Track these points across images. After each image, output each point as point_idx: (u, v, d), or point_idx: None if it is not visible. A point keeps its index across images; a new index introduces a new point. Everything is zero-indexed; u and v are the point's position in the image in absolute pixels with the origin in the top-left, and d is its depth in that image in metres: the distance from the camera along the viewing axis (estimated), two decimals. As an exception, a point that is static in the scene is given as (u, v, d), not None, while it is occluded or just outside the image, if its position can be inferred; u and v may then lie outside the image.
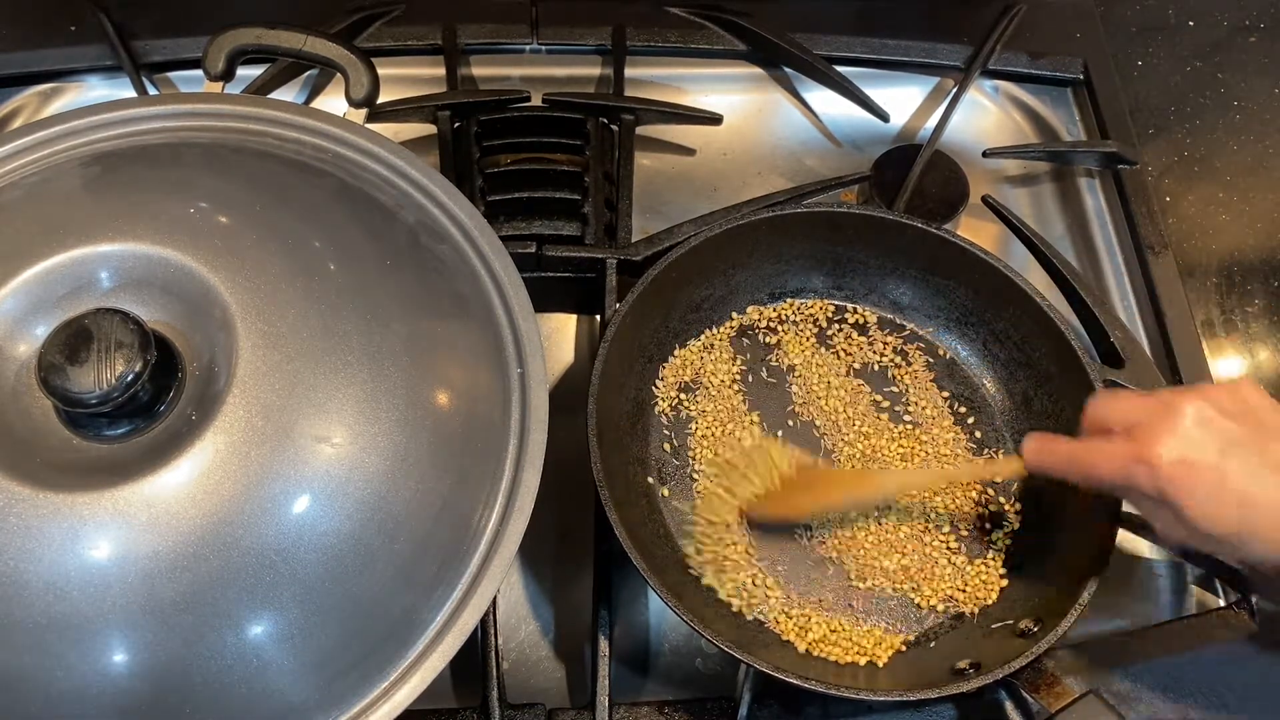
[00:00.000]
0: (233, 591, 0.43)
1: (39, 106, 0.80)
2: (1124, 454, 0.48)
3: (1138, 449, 0.48)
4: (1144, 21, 0.87)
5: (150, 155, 0.55)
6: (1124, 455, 0.48)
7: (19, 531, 0.41)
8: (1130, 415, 0.50)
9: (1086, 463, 0.51)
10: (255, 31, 0.63)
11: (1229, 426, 0.47)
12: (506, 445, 0.51)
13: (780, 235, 0.68)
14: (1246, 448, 0.47)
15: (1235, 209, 0.78)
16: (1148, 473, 0.47)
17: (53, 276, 0.46)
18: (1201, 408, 0.47)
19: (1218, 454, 0.47)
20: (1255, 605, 0.62)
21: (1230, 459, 0.46)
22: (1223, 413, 0.48)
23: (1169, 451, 0.47)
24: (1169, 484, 0.47)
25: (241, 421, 0.43)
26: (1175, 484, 0.47)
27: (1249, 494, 0.46)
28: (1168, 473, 0.47)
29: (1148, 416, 0.48)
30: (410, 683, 0.46)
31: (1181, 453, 0.47)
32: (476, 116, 0.76)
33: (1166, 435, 0.47)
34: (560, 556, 0.66)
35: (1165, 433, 0.47)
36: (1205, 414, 0.47)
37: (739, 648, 0.53)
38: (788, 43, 0.81)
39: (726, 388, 0.68)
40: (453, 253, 0.55)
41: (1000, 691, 0.58)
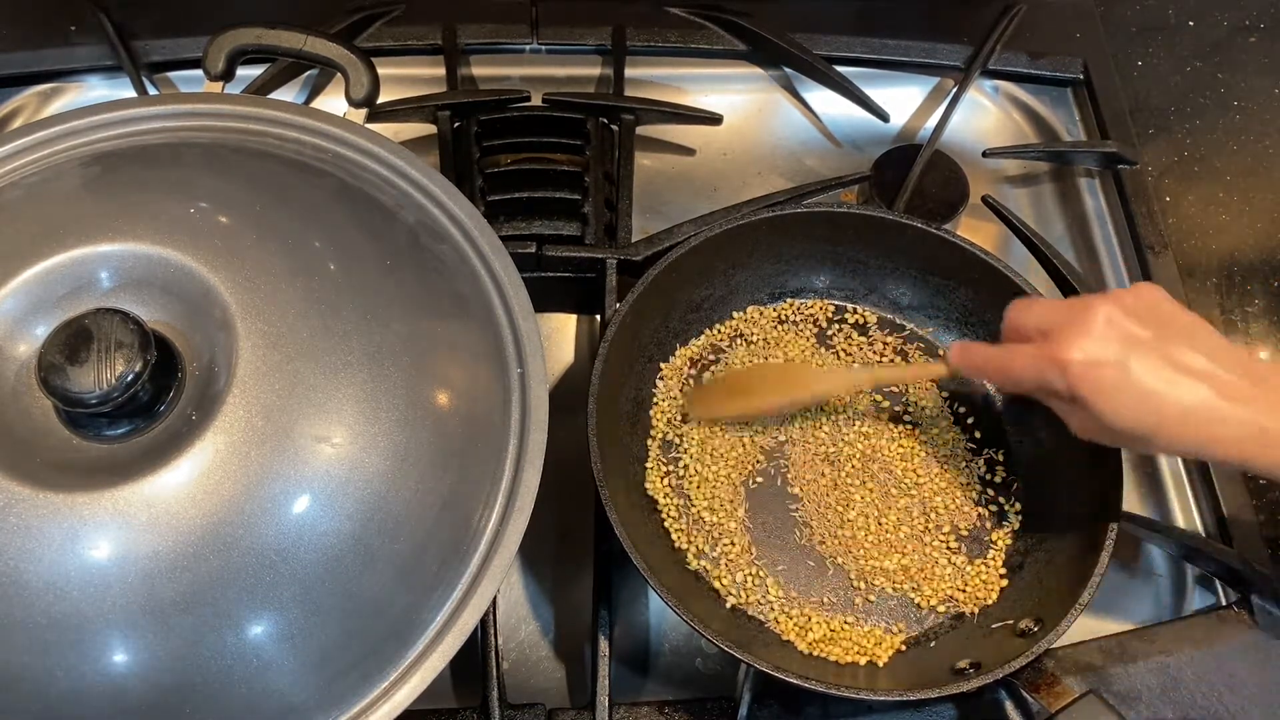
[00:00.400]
0: (233, 591, 0.43)
1: (39, 106, 0.80)
2: (1038, 356, 0.51)
3: (1051, 351, 0.51)
4: (1144, 21, 0.87)
5: (150, 155, 0.55)
6: (1038, 357, 0.51)
7: (19, 531, 0.41)
8: (1045, 320, 0.52)
9: (1004, 365, 0.54)
10: (255, 31, 0.63)
11: (1135, 329, 0.50)
12: (506, 445, 0.51)
13: (780, 235, 0.68)
14: (1150, 348, 0.49)
15: (1235, 209, 0.78)
16: (1059, 373, 0.50)
17: (53, 276, 0.46)
18: (1110, 311, 0.50)
19: (1123, 354, 0.49)
20: (1255, 605, 0.62)
21: (1134, 359, 0.49)
22: (1130, 315, 0.50)
23: (1079, 353, 0.49)
24: (1079, 383, 0.50)
25: (241, 421, 0.43)
26: (1085, 383, 0.49)
27: (1151, 390, 0.49)
28: (1077, 372, 0.49)
29: (1061, 320, 0.51)
30: (410, 683, 0.46)
31: (1090, 353, 0.49)
32: (476, 116, 0.76)
33: (1077, 337, 0.50)
34: (560, 556, 0.66)
35: (1076, 335, 0.50)
36: (1113, 317, 0.50)
37: (739, 648, 0.53)
38: (788, 43, 0.81)
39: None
40: (453, 253, 0.55)
41: (1000, 691, 0.58)
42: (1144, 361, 0.49)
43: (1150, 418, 0.49)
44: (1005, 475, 0.66)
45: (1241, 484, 0.66)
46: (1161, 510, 0.68)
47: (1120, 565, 0.66)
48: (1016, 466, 0.66)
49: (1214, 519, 0.66)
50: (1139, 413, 0.49)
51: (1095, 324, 0.50)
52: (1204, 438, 0.49)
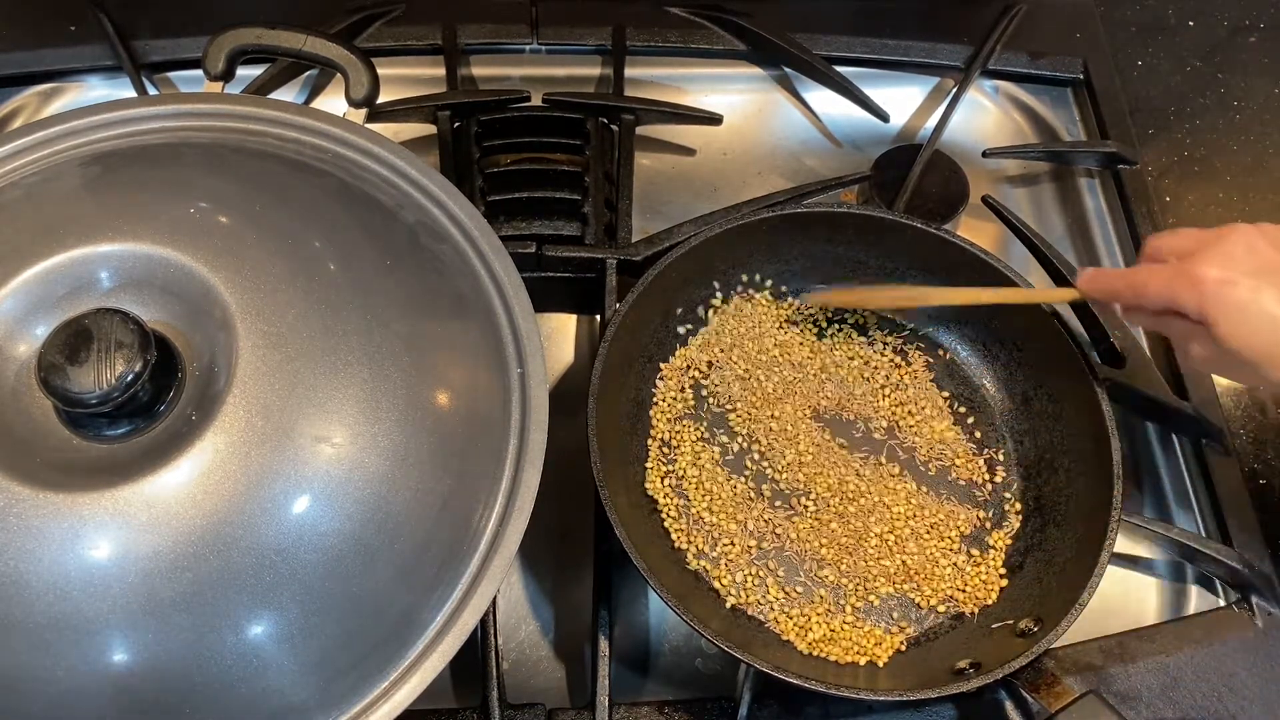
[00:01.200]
0: (233, 591, 0.43)
1: (39, 106, 0.80)
2: (1172, 273, 0.52)
3: (1186, 267, 0.51)
4: (1144, 21, 0.87)
5: (150, 155, 0.55)
6: (1174, 274, 0.52)
7: (19, 531, 0.41)
8: (1185, 243, 0.53)
9: (1137, 282, 0.54)
10: (255, 31, 0.63)
11: (1274, 256, 0.50)
12: (506, 445, 0.51)
13: (780, 235, 0.68)
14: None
15: (1235, 209, 0.78)
16: (1191, 288, 0.50)
17: (53, 276, 0.46)
18: (1251, 237, 0.51)
19: (1258, 277, 0.49)
20: (1255, 605, 0.62)
21: (1268, 284, 0.49)
22: (1271, 244, 0.50)
23: (1214, 270, 0.50)
24: (1209, 301, 0.50)
25: (241, 421, 0.43)
26: (1215, 301, 0.50)
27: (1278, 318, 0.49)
28: (1210, 289, 0.50)
29: (1199, 244, 0.52)
30: (410, 683, 0.46)
31: (1224, 272, 0.50)
32: (476, 116, 0.76)
33: (1214, 256, 0.50)
34: (560, 556, 0.66)
35: (1213, 254, 0.50)
36: (1254, 242, 0.50)
37: (739, 648, 0.53)
38: (788, 43, 0.81)
39: (726, 385, 0.68)
40: (453, 253, 0.55)
41: (1000, 691, 0.58)
42: (1277, 287, 0.49)
43: (1275, 346, 0.49)
44: (1005, 475, 0.66)
45: (1241, 484, 0.66)
46: (1161, 510, 0.68)
47: (1120, 565, 0.66)
48: (1016, 466, 0.66)
49: (1214, 519, 0.66)
50: (1264, 338, 0.49)
51: (1235, 246, 0.50)
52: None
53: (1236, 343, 0.50)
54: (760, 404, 0.67)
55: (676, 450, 0.66)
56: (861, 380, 0.69)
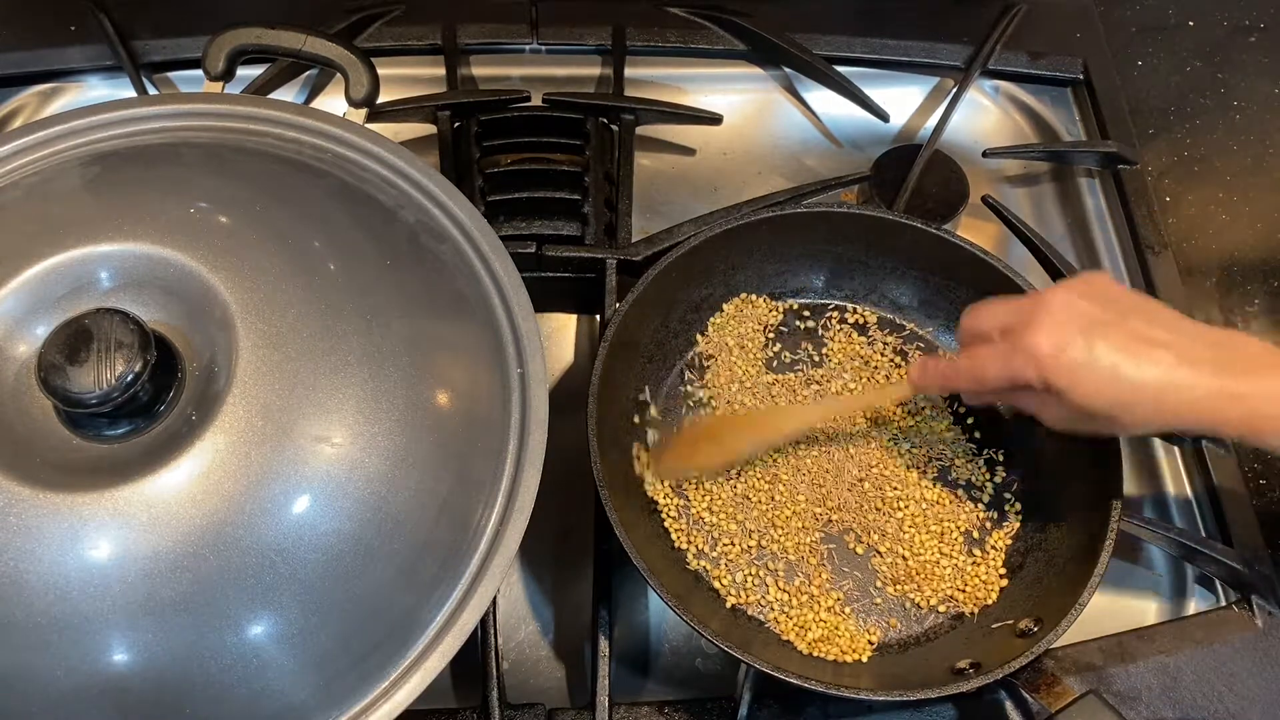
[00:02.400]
0: (233, 591, 0.43)
1: (39, 106, 0.80)
2: (1003, 353, 0.52)
3: (1017, 342, 0.51)
4: (1144, 21, 0.87)
5: (150, 155, 0.55)
6: (1004, 354, 0.52)
7: (19, 531, 0.41)
8: (1002, 319, 0.53)
9: (973, 370, 0.54)
10: (255, 31, 0.63)
11: (1093, 311, 0.51)
12: (506, 445, 0.51)
13: (780, 235, 0.68)
14: (1112, 326, 0.50)
15: (1235, 209, 0.78)
16: (1030, 363, 0.51)
17: (53, 276, 0.46)
18: (1066, 297, 0.51)
19: (1088, 335, 0.50)
20: (1255, 605, 0.62)
21: (1098, 338, 0.50)
22: (1088, 299, 0.51)
23: (1044, 339, 0.50)
24: (1051, 370, 0.50)
25: (241, 421, 0.43)
26: (1056, 369, 0.50)
27: (1121, 368, 0.49)
28: (1048, 360, 0.50)
29: (1020, 315, 0.52)
30: (410, 683, 0.46)
31: (1055, 339, 0.50)
32: (476, 116, 0.76)
33: (1040, 326, 0.50)
34: (560, 556, 0.66)
35: (1038, 325, 0.51)
36: (1072, 303, 0.51)
37: (739, 648, 0.53)
38: (788, 43, 0.81)
39: (727, 385, 0.68)
40: (453, 253, 0.55)
41: (1000, 691, 0.58)
42: (1108, 340, 0.49)
43: (1124, 394, 0.50)
44: (1005, 475, 0.66)
45: (1241, 484, 0.66)
46: (1161, 510, 0.68)
47: (1120, 565, 0.66)
48: (1016, 466, 0.66)
49: (1214, 519, 0.66)
50: (1111, 391, 0.50)
51: (1056, 311, 0.50)
52: (1174, 406, 0.49)
53: (1085, 401, 0.50)
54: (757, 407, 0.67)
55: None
56: (861, 380, 0.69)
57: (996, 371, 0.53)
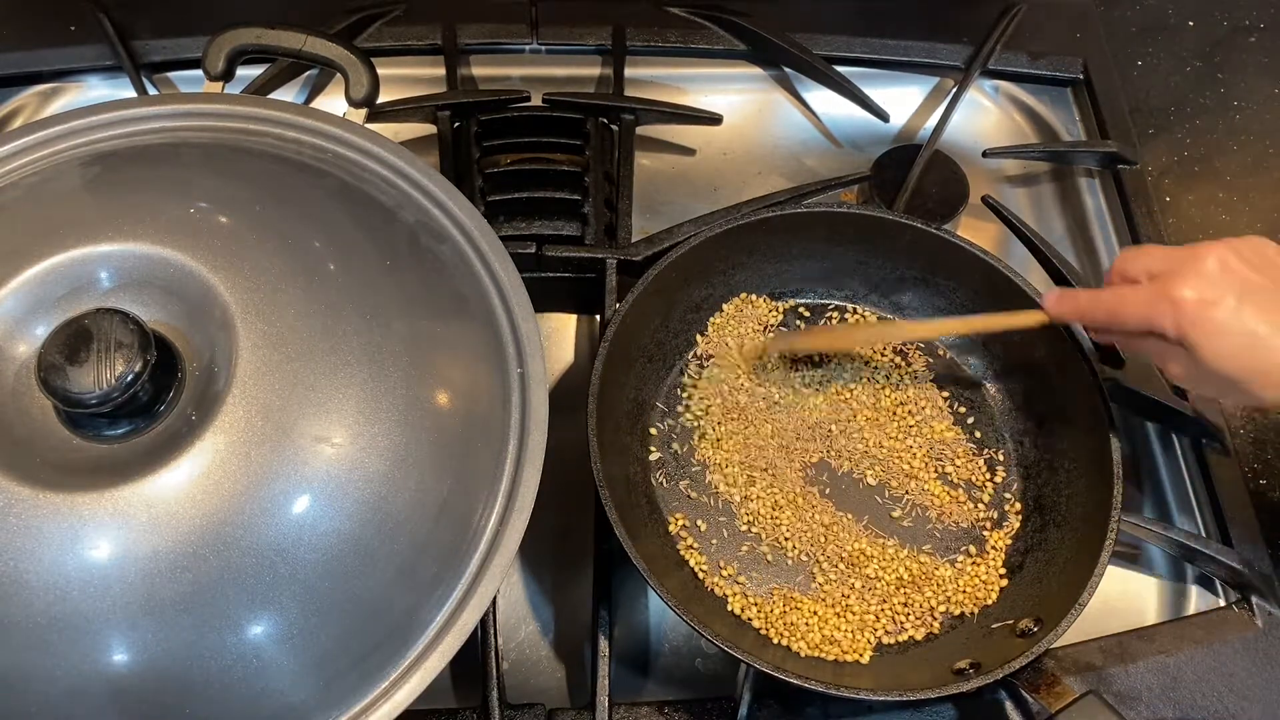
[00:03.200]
0: (233, 591, 0.43)
1: (39, 106, 0.80)
2: (1149, 294, 0.51)
3: (1162, 288, 0.50)
4: (1144, 21, 0.87)
5: (150, 155, 0.55)
6: (1149, 295, 0.51)
7: (19, 531, 0.41)
8: (1156, 264, 0.52)
9: (1112, 306, 0.53)
10: (255, 31, 0.63)
11: (1249, 274, 0.49)
12: (506, 445, 0.51)
13: (780, 235, 0.68)
14: (1264, 294, 0.49)
15: (1235, 209, 0.78)
16: (1170, 311, 0.49)
17: (53, 276, 0.46)
18: (1225, 255, 0.50)
19: (1236, 296, 0.49)
20: (1255, 605, 0.62)
21: (1247, 302, 0.48)
22: (1244, 262, 0.50)
23: (1191, 291, 0.49)
24: (1189, 322, 0.49)
25: (241, 421, 0.43)
26: (1195, 323, 0.49)
27: (1261, 337, 0.48)
28: (1189, 311, 0.49)
29: (1173, 264, 0.51)
30: (410, 683, 0.46)
31: (1202, 293, 0.49)
32: (476, 116, 0.76)
33: (1191, 276, 0.49)
34: (560, 556, 0.66)
35: (1189, 274, 0.49)
36: (1228, 261, 0.49)
37: (739, 648, 0.53)
38: (788, 43, 0.81)
39: (728, 385, 0.68)
40: (453, 253, 0.55)
41: (1000, 691, 0.58)
42: (1256, 305, 0.48)
43: (1257, 362, 0.48)
44: (1005, 475, 0.66)
45: (1241, 484, 0.66)
46: (1161, 510, 0.68)
47: (1120, 565, 0.66)
48: (1016, 466, 0.66)
49: (1214, 519, 0.66)
50: (1245, 357, 0.49)
51: (1209, 266, 0.49)
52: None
53: (1219, 364, 0.49)
54: (755, 411, 0.67)
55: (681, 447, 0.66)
56: (861, 380, 0.69)
57: (1136, 311, 0.52)
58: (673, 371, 0.69)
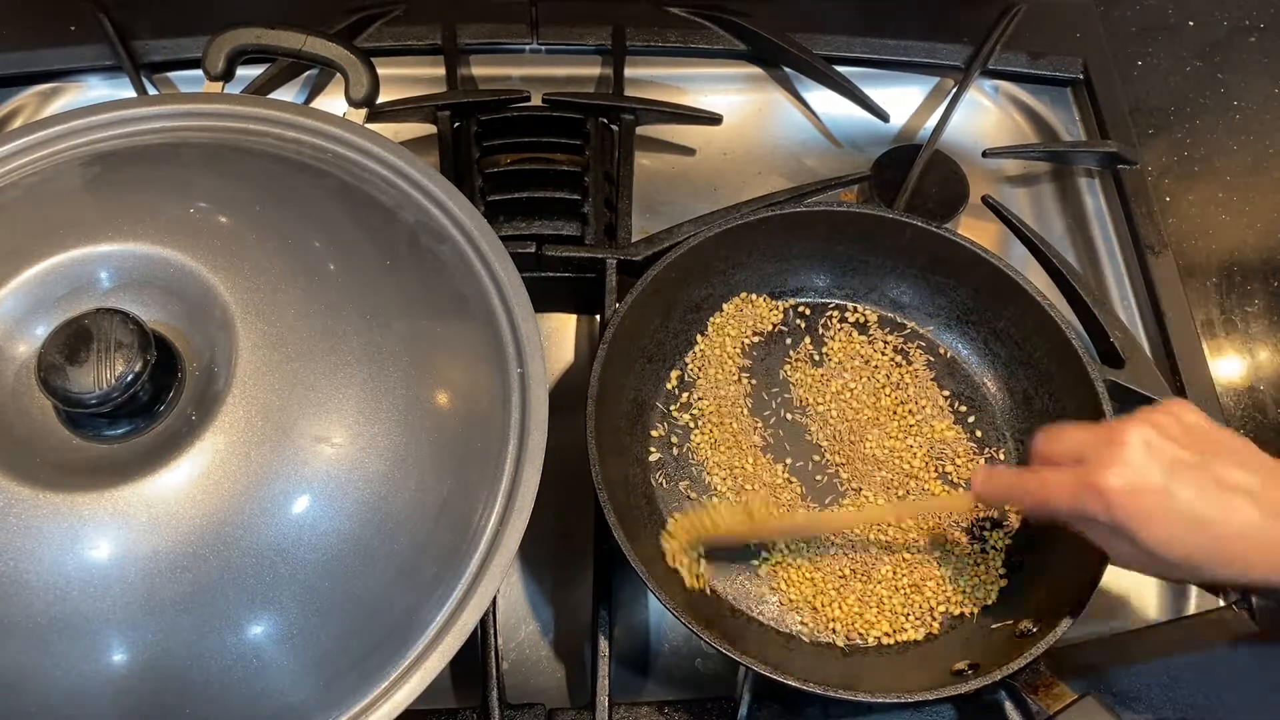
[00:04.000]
0: (233, 591, 0.43)
1: (39, 106, 0.80)
2: (1074, 482, 0.49)
3: (1088, 478, 0.48)
4: (1144, 21, 0.87)
5: (150, 155, 0.55)
6: (1074, 483, 0.49)
7: (19, 531, 0.41)
8: (1076, 448, 0.50)
9: (1038, 493, 0.51)
10: (255, 31, 0.63)
11: (1173, 449, 0.47)
12: (506, 445, 0.51)
13: (780, 235, 0.68)
14: (1192, 469, 0.47)
15: (1235, 209, 0.78)
16: (1099, 501, 0.47)
17: (53, 276, 0.46)
18: (1145, 433, 0.48)
19: (1165, 476, 0.47)
20: (1255, 605, 0.62)
21: (1177, 481, 0.47)
22: (1166, 436, 0.48)
23: (1117, 479, 0.47)
24: (1122, 513, 0.47)
25: (241, 421, 0.43)
26: (1129, 512, 0.47)
27: (1200, 514, 0.46)
28: (1120, 501, 0.47)
29: (1094, 448, 0.49)
30: (410, 683, 0.46)
31: (1129, 479, 0.47)
32: (476, 116, 0.76)
33: (1114, 464, 0.47)
34: (560, 556, 0.66)
35: (1112, 461, 0.47)
36: (1150, 439, 0.48)
37: (738, 650, 0.53)
38: (788, 43, 0.81)
39: (727, 386, 0.68)
40: (453, 253, 0.55)
41: (1000, 692, 0.58)
42: (1190, 485, 0.46)
43: (1204, 544, 0.47)
44: (1005, 475, 0.66)
45: (1241, 484, 0.66)
46: (1161, 510, 0.68)
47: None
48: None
49: (1214, 519, 0.66)
50: (1190, 540, 0.47)
51: (1133, 448, 0.47)
52: (1262, 561, 0.46)
53: (1166, 550, 0.47)
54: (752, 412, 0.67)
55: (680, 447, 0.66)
56: (861, 380, 0.69)
57: (1063, 503, 0.49)
58: (673, 372, 0.69)
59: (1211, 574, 0.48)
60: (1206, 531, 0.47)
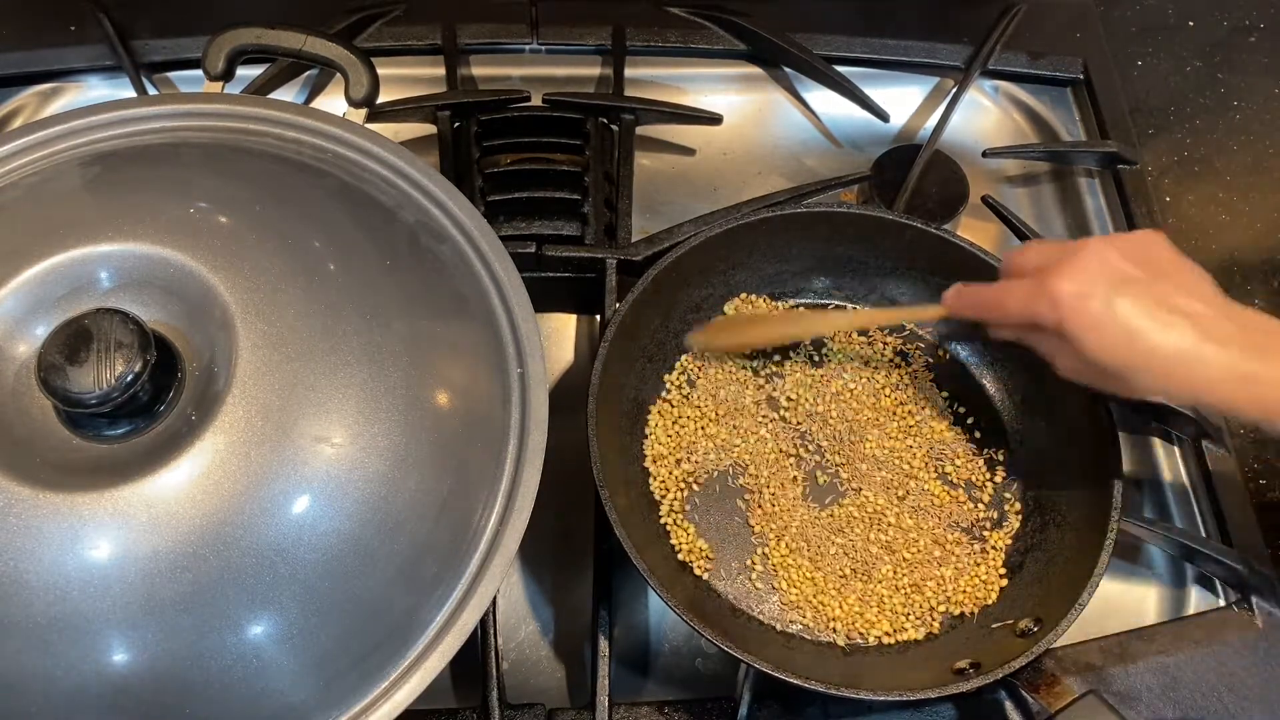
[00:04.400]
0: (233, 591, 0.43)
1: (39, 106, 0.80)
2: (1030, 287, 0.52)
3: (1041, 281, 0.51)
4: (1144, 21, 0.87)
5: (150, 155, 0.55)
6: (1030, 288, 0.52)
7: (19, 531, 0.41)
8: (1041, 259, 0.53)
9: (997, 301, 0.55)
10: (255, 31, 0.63)
11: (1125, 267, 0.50)
12: (506, 445, 0.51)
13: (780, 235, 0.68)
14: (1140, 287, 0.50)
15: (1235, 209, 0.78)
16: (1049, 304, 0.51)
17: (53, 276, 0.46)
18: (1103, 250, 0.51)
19: (1112, 289, 0.49)
20: (1255, 605, 0.62)
21: (1121, 295, 0.49)
22: (1124, 256, 0.51)
23: (1069, 285, 0.50)
24: (1067, 314, 0.50)
25: (241, 421, 0.43)
26: (1072, 315, 0.50)
27: (1137, 328, 0.49)
28: (1067, 303, 0.50)
29: (1054, 257, 0.52)
30: (410, 683, 0.46)
31: (1079, 286, 0.50)
32: (476, 116, 0.76)
33: (1068, 271, 0.50)
34: (560, 556, 0.66)
35: (1067, 269, 0.50)
36: (1106, 255, 0.51)
37: (739, 648, 0.53)
38: (788, 43, 0.81)
39: (728, 386, 0.68)
40: (453, 253, 0.55)
41: (1000, 691, 0.58)
42: (1132, 299, 0.49)
43: (1135, 356, 0.49)
44: (1005, 475, 0.66)
45: (1241, 484, 0.66)
46: (1161, 510, 0.68)
47: (1120, 565, 0.66)
48: (1016, 466, 0.66)
49: (1214, 519, 0.66)
50: (1123, 350, 0.50)
51: (1089, 259, 0.50)
52: (1186, 379, 0.49)
53: (1099, 355, 0.50)
54: (754, 414, 0.67)
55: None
56: (862, 380, 0.69)
57: (1017, 305, 0.53)
58: (673, 372, 0.69)
59: (1143, 387, 0.51)
60: (1140, 343, 0.49)
